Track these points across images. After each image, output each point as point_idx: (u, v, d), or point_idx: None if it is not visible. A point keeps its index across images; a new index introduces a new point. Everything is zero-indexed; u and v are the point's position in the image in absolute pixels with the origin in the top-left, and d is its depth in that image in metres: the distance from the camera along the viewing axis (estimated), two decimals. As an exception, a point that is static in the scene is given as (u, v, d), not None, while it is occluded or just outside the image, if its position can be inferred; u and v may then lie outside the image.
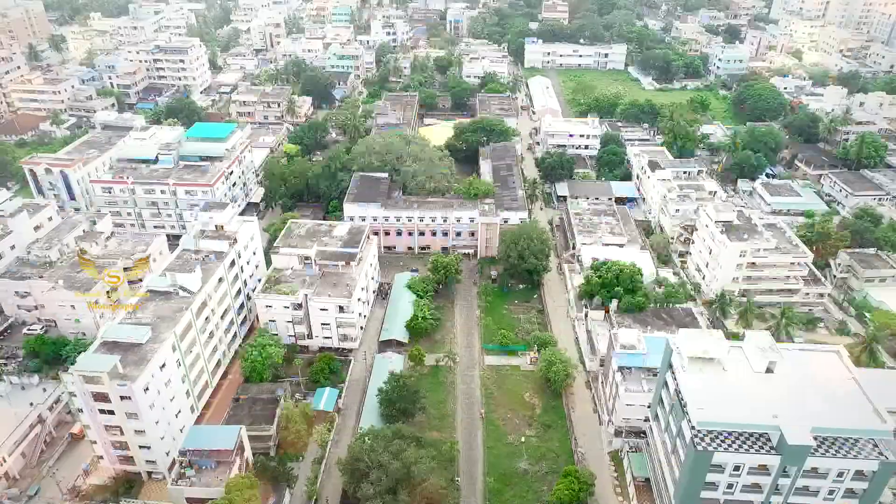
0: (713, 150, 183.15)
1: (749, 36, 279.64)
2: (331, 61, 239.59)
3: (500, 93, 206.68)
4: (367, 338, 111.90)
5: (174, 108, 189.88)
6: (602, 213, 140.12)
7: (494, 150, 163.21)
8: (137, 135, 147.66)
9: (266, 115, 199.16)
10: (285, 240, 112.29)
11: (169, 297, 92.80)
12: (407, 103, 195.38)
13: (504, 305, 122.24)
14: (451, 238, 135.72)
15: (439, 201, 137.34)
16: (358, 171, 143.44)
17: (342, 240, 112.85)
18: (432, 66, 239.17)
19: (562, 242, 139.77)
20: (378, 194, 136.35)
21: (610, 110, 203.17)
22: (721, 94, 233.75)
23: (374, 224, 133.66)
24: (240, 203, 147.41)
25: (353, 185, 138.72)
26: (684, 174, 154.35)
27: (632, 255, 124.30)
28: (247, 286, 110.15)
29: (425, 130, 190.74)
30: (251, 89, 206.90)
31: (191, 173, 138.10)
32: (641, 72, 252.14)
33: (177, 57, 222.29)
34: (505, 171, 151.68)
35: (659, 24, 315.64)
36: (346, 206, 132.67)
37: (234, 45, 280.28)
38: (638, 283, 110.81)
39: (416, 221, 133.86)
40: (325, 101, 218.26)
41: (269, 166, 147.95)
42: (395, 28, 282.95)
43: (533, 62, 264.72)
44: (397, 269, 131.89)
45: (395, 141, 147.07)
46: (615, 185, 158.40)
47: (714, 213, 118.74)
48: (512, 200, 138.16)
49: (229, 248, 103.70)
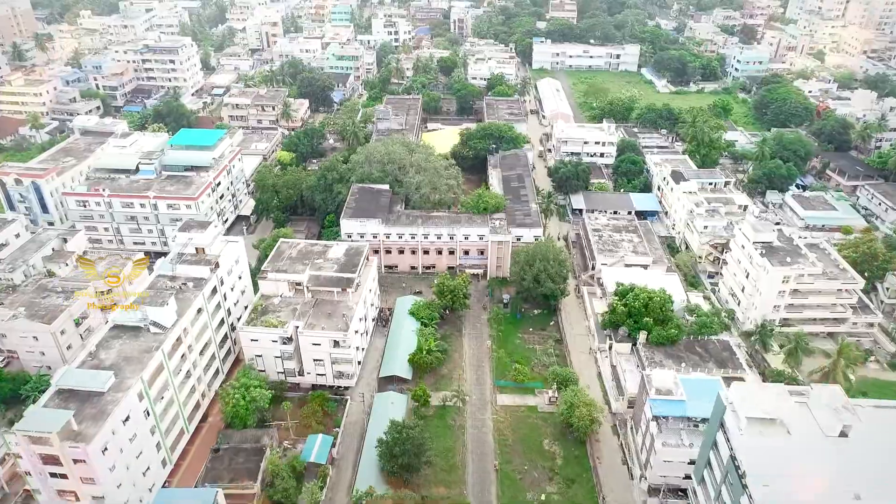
0: (736, 159, 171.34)
1: (767, 36, 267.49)
2: (329, 62, 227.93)
3: (508, 96, 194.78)
4: (365, 372, 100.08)
5: (161, 112, 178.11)
6: (623, 230, 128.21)
7: (504, 158, 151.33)
8: (117, 142, 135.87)
9: (260, 120, 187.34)
10: (274, 262, 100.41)
11: (138, 334, 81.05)
12: (409, 107, 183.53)
13: (517, 334, 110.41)
14: (458, 257, 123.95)
15: (445, 216, 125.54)
16: (356, 183, 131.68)
17: (338, 263, 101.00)
18: (436, 67, 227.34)
19: (579, 261, 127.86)
20: (378, 208, 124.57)
21: (624, 115, 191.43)
22: (740, 97, 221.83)
23: (374, 241, 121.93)
24: (227, 217, 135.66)
25: (351, 198, 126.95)
26: (710, 186, 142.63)
27: (658, 277, 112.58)
28: (231, 315, 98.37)
29: (429, 136, 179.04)
30: (244, 91, 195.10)
31: (174, 185, 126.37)
32: (655, 73, 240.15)
33: (166, 57, 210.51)
34: (516, 182, 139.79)
35: (671, 24, 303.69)
36: (343, 221, 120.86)
37: (228, 44, 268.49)
38: (669, 312, 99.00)
39: (419, 239, 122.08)
40: (323, 105, 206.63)
41: (260, 176, 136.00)
42: (397, 27, 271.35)
43: (541, 63, 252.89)
44: (399, 291, 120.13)
45: (396, 149, 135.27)
46: (635, 198, 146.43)
47: (752, 232, 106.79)
48: (525, 216, 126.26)
49: (211, 274, 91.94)
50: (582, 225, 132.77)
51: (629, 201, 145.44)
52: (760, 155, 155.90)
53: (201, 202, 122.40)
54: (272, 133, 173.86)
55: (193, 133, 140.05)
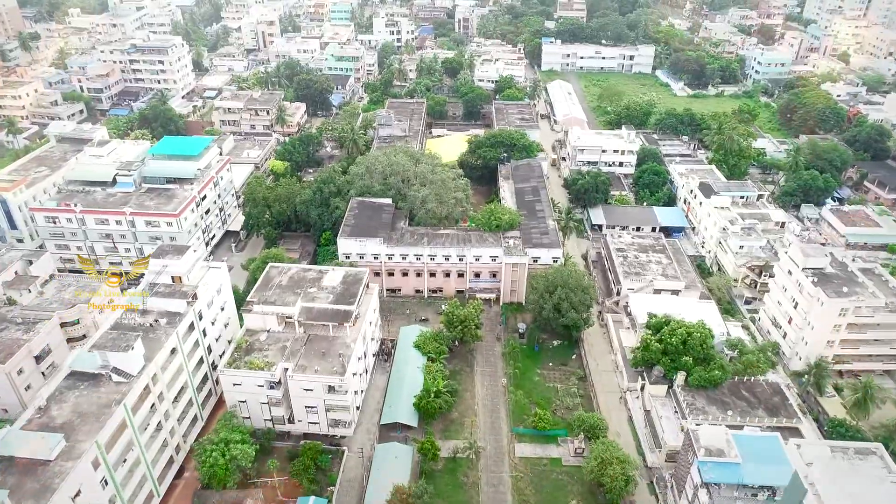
0: (764, 168, 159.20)
1: (787, 37, 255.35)
2: (328, 63, 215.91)
3: (518, 99, 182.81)
4: (364, 417, 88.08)
5: (147, 117, 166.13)
6: (650, 249, 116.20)
7: (517, 168, 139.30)
8: (93, 151, 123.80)
9: (253, 125, 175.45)
10: (261, 292, 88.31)
11: (98, 384, 69.11)
12: (413, 111, 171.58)
13: (536, 370, 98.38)
14: (468, 280, 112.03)
15: (454, 235, 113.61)
16: (356, 196, 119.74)
17: (334, 292, 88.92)
18: (440, 68, 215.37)
19: (601, 284, 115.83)
20: (380, 225, 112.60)
21: (642, 120, 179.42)
22: (762, 101, 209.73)
23: (375, 263, 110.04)
24: (214, 234, 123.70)
25: (349, 214, 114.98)
26: (741, 199, 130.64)
27: (692, 305, 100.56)
28: (211, 353, 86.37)
29: (434, 143, 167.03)
30: (237, 94, 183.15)
31: (154, 199, 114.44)
32: (671, 76, 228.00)
33: (155, 57, 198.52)
34: (530, 196, 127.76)
35: (684, 24, 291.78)
36: (340, 241, 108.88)
37: (223, 44, 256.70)
38: (710, 350, 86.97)
39: (425, 260, 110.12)
40: (321, 108, 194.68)
41: (250, 189, 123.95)
42: (399, 27, 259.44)
43: (550, 64, 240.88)
44: (402, 318, 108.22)
45: (400, 159, 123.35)
46: (659, 212, 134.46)
47: (801, 256, 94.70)
48: (542, 234, 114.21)
49: (187, 308, 79.98)
50: (604, 243, 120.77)
51: (653, 216, 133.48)
52: (794, 165, 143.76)
53: (184, 219, 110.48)
54: (266, 140, 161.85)
55: (177, 141, 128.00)
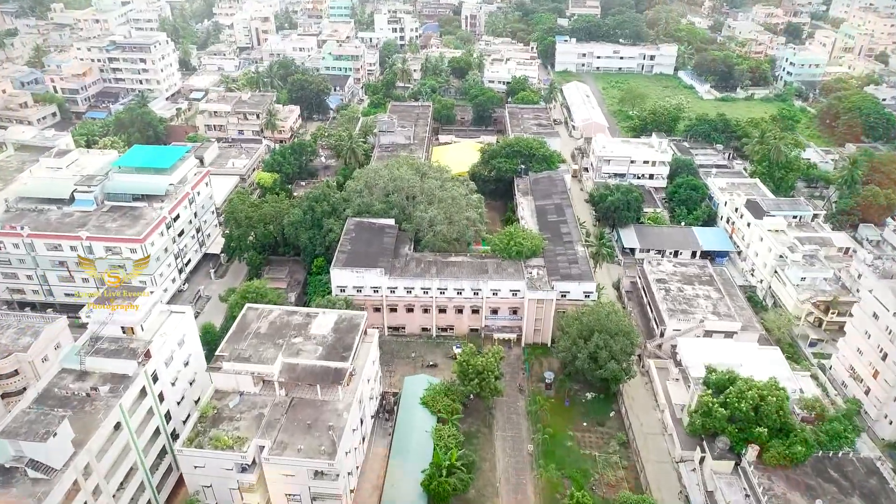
0: (810, 182, 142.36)
1: (818, 36, 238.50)
2: (325, 62, 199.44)
3: (533, 103, 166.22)
4: (361, 496, 71.46)
5: (123, 121, 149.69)
6: (696, 280, 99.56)
7: (536, 182, 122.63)
8: (50, 162, 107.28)
9: (241, 130, 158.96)
10: (235, 342, 71.58)
11: (7, 482, 52.66)
12: (418, 116, 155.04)
13: (568, 432, 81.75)
14: (483, 316, 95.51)
15: (467, 263, 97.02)
16: (353, 216, 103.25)
17: (324, 343, 72.27)
18: (447, 68, 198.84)
19: (639, 322, 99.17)
20: (380, 252, 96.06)
21: (669, 126, 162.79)
22: (797, 105, 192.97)
23: (375, 297, 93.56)
24: (189, 259, 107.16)
25: (345, 238, 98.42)
26: (794, 219, 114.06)
27: (752, 352, 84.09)
28: (171, 420, 69.88)
29: (441, 151, 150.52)
30: (224, 96, 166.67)
31: (118, 220, 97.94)
32: (696, 77, 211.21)
33: (136, 55, 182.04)
34: (554, 215, 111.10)
35: (704, 23, 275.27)
36: (334, 271, 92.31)
37: (213, 41, 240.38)
38: (789, 417, 70.36)
39: (434, 294, 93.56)
40: (317, 111, 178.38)
41: (231, 207, 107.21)
42: (403, 24, 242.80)
43: (565, 64, 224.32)
44: (407, 363, 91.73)
45: (403, 173, 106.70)
46: (700, 234, 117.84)
47: (893, 299, 78.00)
48: (570, 263, 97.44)
49: (138, 369, 63.51)
50: (640, 273, 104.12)
51: (693, 239, 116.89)
52: (849, 179, 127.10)
53: (150, 244, 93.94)
54: (254, 147, 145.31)
55: (148, 151, 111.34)
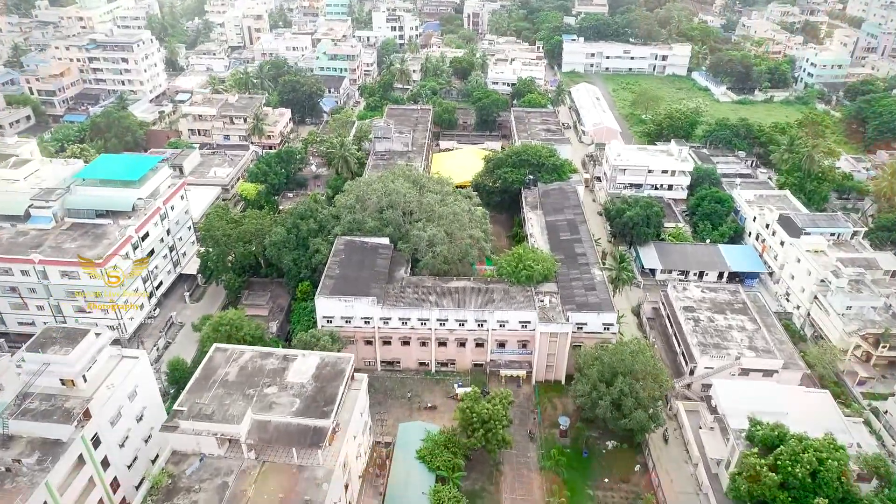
0: (842, 194, 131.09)
1: (838, 35, 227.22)
2: (320, 62, 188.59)
3: (540, 106, 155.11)
4: (346, 575, 60.61)
5: (99, 125, 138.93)
6: (727, 308, 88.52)
7: (546, 195, 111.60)
8: (6, 174, 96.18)
9: (227, 135, 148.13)
10: (197, 393, 60.52)
11: None
12: (417, 120, 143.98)
13: (587, 490, 70.77)
14: (489, 350, 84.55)
15: (471, 289, 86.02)
16: (343, 234, 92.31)
17: (302, 393, 61.25)
18: (448, 69, 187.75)
19: (664, 355, 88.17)
20: (373, 276, 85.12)
21: (686, 131, 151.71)
22: (819, 108, 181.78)
23: (367, 328, 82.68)
24: (161, 281, 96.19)
25: (333, 260, 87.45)
26: (831, 237, 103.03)
27: (798, 395, 73.27)
28: (120, 490, 58.88)
29: (441, 159, 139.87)
30: (210, 99, 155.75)
31: (78, 239, 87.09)
32: (712, 79, 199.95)
33: (118, 54, 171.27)
34: (567, 233, 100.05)
35: (716, 21, 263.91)
36: (320, 301, 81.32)
37: (203, 40, 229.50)
38: (852, 485, 59.35)
39: (433, 325, 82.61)
40: (310, 115, 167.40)
41: (207, 224, 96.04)
42: (402, 22, 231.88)
43: (572, 65, 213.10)
44: (401, 405, 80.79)
45: (400, 186, 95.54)
46: (727, 253, 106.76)
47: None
48: (587, 289, 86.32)
49: (74, 434, 52.63)
50: (664, 298, 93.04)
51: (720, 258, 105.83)
52: (889, 191, 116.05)
53: (112, 267, 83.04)
54: (240, 154, 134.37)
55: (115, 161, 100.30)
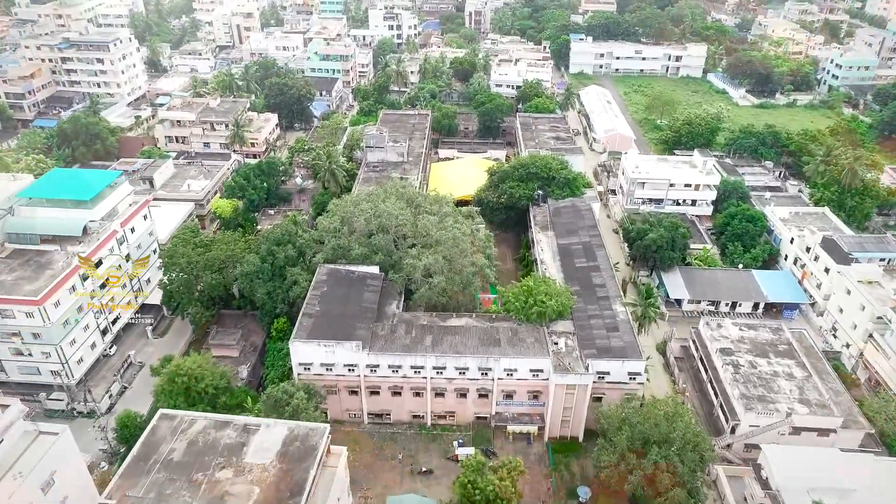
0: (883, 209, 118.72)
1: (862, 35, 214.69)
2: (311, 63, 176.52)
3: (548, 111, 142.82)
4: None
5: (66, 131, 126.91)
6: (770, 349, 76.29)
7: (558, 214, 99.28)
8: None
9: (207, 142, 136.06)
10: (132, 479, 48.35)
11: None
12: (414, 127, 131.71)
13: (614, 583, 58.79)
14: (494, 400, 72.33)
15: (473, 328, 73.84)
16: (325, 262, 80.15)
17: (264, 479, 48.96)
18: (449, 70, 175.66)
19: (696, 404, 75.95)
20: (359, 314, 72.96)
21: (707, 139, 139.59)
22: (847, 113, 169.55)
23: (350, 377, 70.52)
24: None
25: (313, 294, 75.25)
26: (881, 262, 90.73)
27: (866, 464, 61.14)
28: None
29: (440, 169, 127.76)
30: (190, 103, 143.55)
31: (17, 269, 75.05)
32: (729, 81, 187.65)
33: (93, 54, 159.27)
34: (583, 259, 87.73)
35: (730, 20, 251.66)
36: (295, 347, 69.11)
37: (190, 39, 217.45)
38: None
39: (429, 373, 70.42)
40: (299, 120, 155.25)
41: (170, 250, 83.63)
42: (401, 20, 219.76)
43: (580, 66, 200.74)
44: (390, 468, 68.57)
45: (392, 207, 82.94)
46: (763, 280, 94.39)
47: None
48: (608, 330, 73.97)
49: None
50: (695, 336, 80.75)
51: (755, 286, 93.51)
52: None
53: (53, 305, 70.98)
54: (219, 164, 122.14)
55: (67, 178, 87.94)
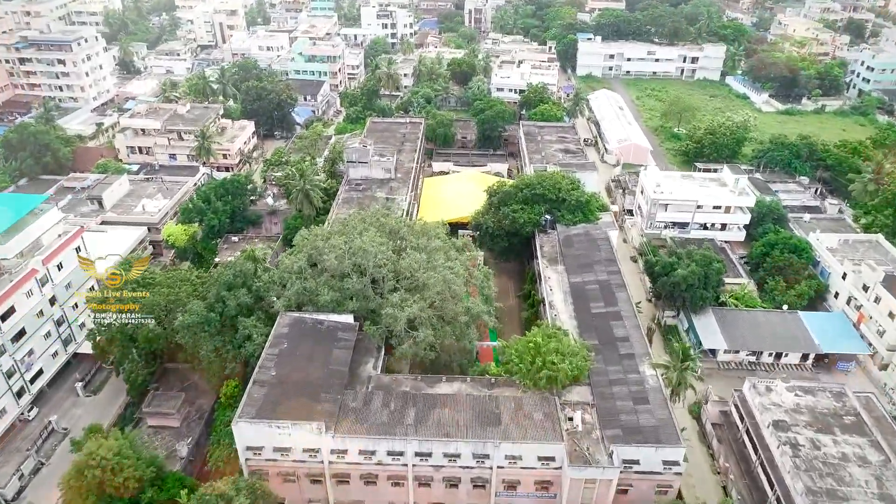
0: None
1: (891, 34, 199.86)
2: (295, 64, 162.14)
3: (556, 119, 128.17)
4: None
5: (11, 142, 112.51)
6: (834, 423, 61.51)
7: (569, 243, 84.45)
8: None
9: (174, 154, 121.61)
10: None
11: None
12: (405, 137, 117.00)
13: None
14: (493, 492, 57.61)
15: (466, 397, 59.26)
16: (288, 309, 65.52)
17: None
18: (446, 72, 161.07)
19: (743, 492, 61.26)
20: (326, 379, 58.35)
21: (732, 150, 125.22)
22: (881, 120, 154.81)
23: (312, 462, 55.90)
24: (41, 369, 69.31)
25: (270, 352, 60.62)
26: (955, 304, 75.94)
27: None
28: None
29: (434, 185, 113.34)
30: (156, 109, 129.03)
31: None
32: (751, 85, 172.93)
33: (54, 55, 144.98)
34: (600, 302, 72.96)
35: (747, 19, 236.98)
36: (239, 428, 54.41)
37: (169, 38, 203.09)
38: None
39: (410, 459, 55.73)
40: (280, 128, 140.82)
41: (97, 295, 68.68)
42: (395, 18, 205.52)
43: (588, 67, 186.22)
44: (363, 584, 54.03)
45: (368, 243, 67.86)
46: (812, 324, 79.50)
47: None
48: (635, 401, 59.15)
49: None
50: (740, 403, 65.97)
51: (803, 331, 78.66)
52: None
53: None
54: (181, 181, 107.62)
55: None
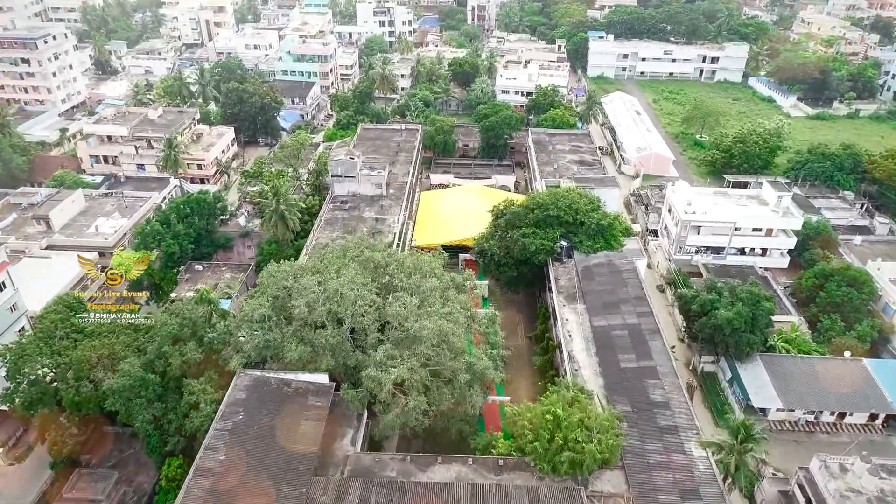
0: None
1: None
2: (283, 64, 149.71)
3: (568, 126, 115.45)
4: None
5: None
6: (933, 519, 48.72)
7: (590, 275, 71.62)
8: None
9: (142, 164, 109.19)
10: None
11: None
12: (399, 146, 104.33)
13: None
14: None
15: (469, 488, 46.49)
16: (246, 368, 52.82)
17: None
18: (447, 73, 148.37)
19: None
20: (289, 466, 45.69)
21: (764, 160, 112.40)
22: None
23: (267, 581, 43.26)
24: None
25: (220, 428, 47.97)
26: None
27: None
28: None
29: (432, 200, 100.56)
30: (125, 113, 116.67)
31: None
32: (776, 87, 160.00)
33: (17, 54, 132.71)
34: (629, 353, 60.19)
35: (766, 16, 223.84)
36: (169, 540, 42.04)
37: (150, 36, 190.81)
38: None
39: (394, 577, 43.10)
40: (264, 134, 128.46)
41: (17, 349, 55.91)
42: (393, 15, 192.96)
43: (600, 68, 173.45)
44: None
45: (346, 286, 54.90)
46: (880, 373, 66.54)
47: None
48: (684, 498, 46.40)
49: None
50: (809, 488, 53.06)
51: (871, 385, 65.59)
52: None
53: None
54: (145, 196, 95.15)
55: None
